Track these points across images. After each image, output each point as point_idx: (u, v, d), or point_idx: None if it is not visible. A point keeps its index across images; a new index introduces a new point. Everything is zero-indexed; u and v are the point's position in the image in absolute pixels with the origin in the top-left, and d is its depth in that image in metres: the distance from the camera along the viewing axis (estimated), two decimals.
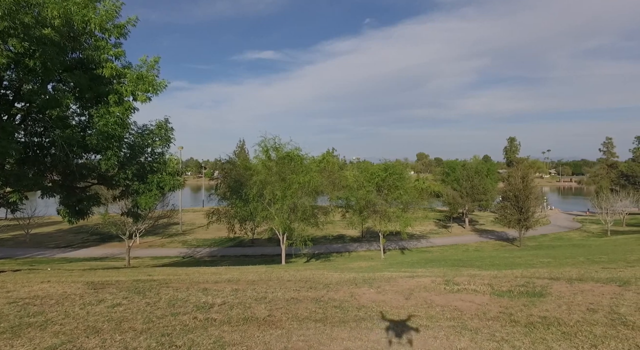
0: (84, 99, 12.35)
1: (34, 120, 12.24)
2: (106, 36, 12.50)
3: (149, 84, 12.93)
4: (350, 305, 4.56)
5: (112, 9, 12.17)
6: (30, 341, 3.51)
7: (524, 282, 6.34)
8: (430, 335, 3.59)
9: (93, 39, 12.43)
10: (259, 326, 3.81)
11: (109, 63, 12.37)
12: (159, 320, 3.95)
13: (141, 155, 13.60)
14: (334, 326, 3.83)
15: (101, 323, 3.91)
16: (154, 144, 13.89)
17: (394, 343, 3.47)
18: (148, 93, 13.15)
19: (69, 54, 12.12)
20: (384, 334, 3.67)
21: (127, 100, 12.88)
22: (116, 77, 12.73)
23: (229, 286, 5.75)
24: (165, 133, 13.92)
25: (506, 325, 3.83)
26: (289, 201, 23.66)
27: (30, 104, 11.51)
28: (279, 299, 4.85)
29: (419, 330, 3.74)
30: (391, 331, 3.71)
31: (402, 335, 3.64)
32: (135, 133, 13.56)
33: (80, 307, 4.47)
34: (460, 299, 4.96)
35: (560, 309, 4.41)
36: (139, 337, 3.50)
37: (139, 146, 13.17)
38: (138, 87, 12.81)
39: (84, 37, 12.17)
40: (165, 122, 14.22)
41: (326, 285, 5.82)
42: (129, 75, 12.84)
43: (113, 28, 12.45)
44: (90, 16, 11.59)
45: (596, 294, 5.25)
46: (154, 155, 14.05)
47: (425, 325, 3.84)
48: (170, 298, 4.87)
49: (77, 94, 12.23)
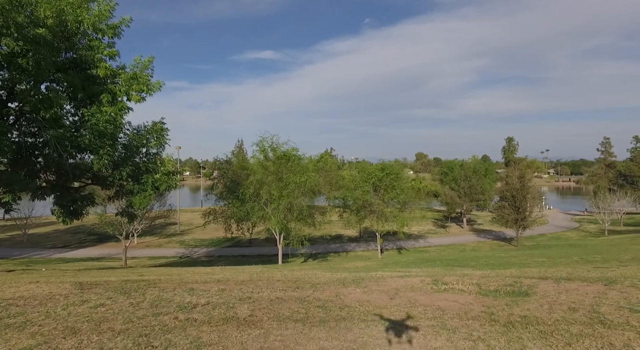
0: (77, 99, 12.34)
1: (27, 120, 12.23)
2: (100, 36, 12.51)
3: (143, 83, 12.94)
4: (334, 305, 4.58)
5: (105, 9, 12.16)
6: (6, 342, 3.52)
7: (512, 282, 6.36)
8: (407, 335, 3.61)
9: (86, 39, 12.43)
10: (238, 326, 3.82)
11: (103, 63, 12.37)
12: (139, 321, 3.96)
13: (136, 156, 13.58)
14: (313, 326, 3.84)
15: (80, 323, 3.92)
16: (149, 144, 13.86)
17: (370, 343, 3.48)
18: (142, 93, 13.16)
19: (63, 54, 12.12)
20: (361, 333, 3.69)
21: (121, 100, 12.87)
22: (110, 77, 12.73)
23: (217, 286, 5.76)
24: (160, 133, 13.90)
25: (485, 324, 3.84)
26: (286, 201, 23.66)
27: (23, 104, 11.50)
28: (263, 299, 4.87)
29: (398, 329, 3.75)
30: (369, 331, 3.72)
31: (379, 334, 3.65)
32: (129, 133, 13.54)
33: (63, 308, 4.47)
34: (444, 299, 4.98)
35: (542, 308, 4.43)
36: (116, 338, 3.51)
37: (133, 146, 13.15)
38: (132, 87, 12.82)
39: (77, 37, 12.16)
40: (160, 123, 14.20)
41: (313, 285, 5.84)
42: (123, 75, 12.85)
43: (107, 28, 12.44)
44: (84, 16, 11.58)
45: (580, 293, 5.27)
46: (149, 156, 14.03)
47: (404, 325, 3.85)
48: (154, 298, 4.89)
49: (71, 94, 12.21)
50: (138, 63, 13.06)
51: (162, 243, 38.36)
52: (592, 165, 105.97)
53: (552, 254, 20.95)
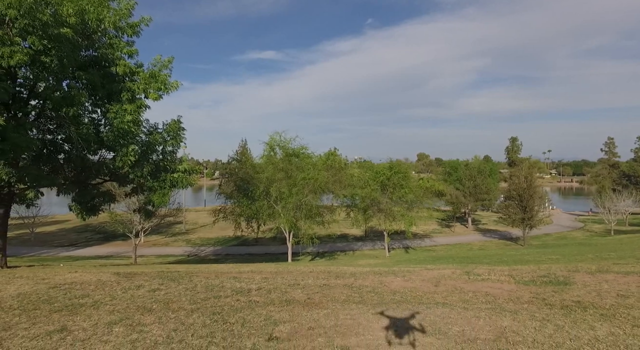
0: (97, 97, 12.43)
1: (47, 117, 12.32)
2: (119, 34, 12.61)
3: (162, 82, 13.02)
4: (384, 291, 4.65)
5: (125, 8, 12.26)
6: (90, 318, 3.60)
7: (544, 274, 6.42)
8: (472, 315, 3.68)
9: (107, 37, 12.52)
10: (303, 307, 3.90)
11: (122, 61, 12.45)
12: (204, 302, 4.03)
13: (153, 153, 13.66)
14: (375, 307, 3.92)
15: (150, 304, 4.00)
16: (166, 142, 13.95)
17: (438, 322, 3.55)
18: (160, 91, 13.24)
19: (83, 52, 12.21)
20: (427, 313, 3.76)
21: (140, 98, 12.95)
22: (129, 75, 12.82)
23: (257, 275, 5.84)
24: (176, 132, 13.98)
25: (543, 307, 3.92)
26: (295, 198, 23.75)
27: (44, 102, 11.59)
28: (311, 286, 4.94)
29: (460, 311, 3.82)
30: (432, 311, 3.79)
31: (444, 315, 3.72)
32: (147, 131, 13.63)
33: (123, 291, 4.55)
34: (488, 287, 5.05)
35: (591, 295, 4.50)
36: (192, 315, 3.59)
37: (151, 144, 13.23)
38: (150, 85, 12.89)
39: (97, 35, 12.25)
40: (178, 121, 14.28)
41: (352, 274, 5.91)
42: (141, 73, 12.93)
43: (127, 26, 12.54)
44: (105, 14, 11.67)
45: (621, 282, 5.33)
46: (165, 154, 14.11)
47: (463, 308, 3.92)
48: (205, 284, 4.97)
49: (91, 92, 12.30)
50: (158, 62, 13.16)
51: (169, 242, 38.43)
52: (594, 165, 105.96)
53: (564, 252, 20.99)
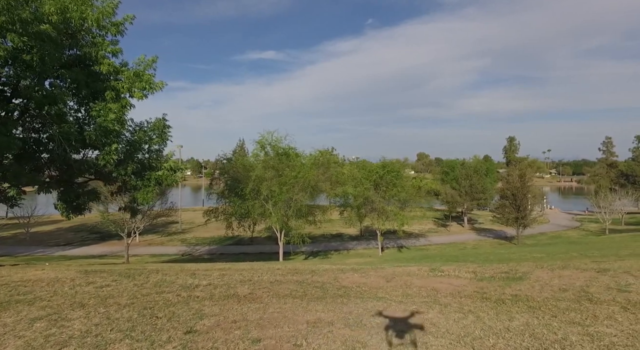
0: (80, 96, 12.52)
1: (31, 116, 12.41)
2: (103, 33, 12.70)
3: (146, 81, 13.10)
4: (331, 286, 4.73)
5: (109, 6, 12.33)
6: (18, 313, 3.69)
7: (508, 270, 6.50)
8: (401, 309, 3.76)
9: (90, 36, 12.60)
10: (238, 301, 3.98)
11: (106, 60, 12.54)
12: (143, 297, 4.12)
13: (138, 152, 13.75)
14: (311, 301, 4.00)
15: (87, 299, 4.10)
16: (151, 141, 14.03)
17: (364, 315, 3.63)
18: (144, 91, 13.32)
19: (67, 51, 12.29)
20: (357, 307, 3.84)
21: (124, 97, 13.04)
22: (113, 74, 12.91)
23: (218, 272, 5.93)
24: (162, 130, 14.06)
25: (477, 301, 3.99)
26: (285, 196, 23.85)
27: (27, 101, 11.68)
28: (263, 281, 5.03)
29: (392, 304, 3.90)
30: (364, 305, 3.87)
31: (374, 308, 3.80)
32: (132, 130, 13.71)
33: (70, 288, 4.65)
34: (439, 282, 5.12)
35: (533, 289, 4.57)
36: (122, 310, 3.68)
37: (136, 143, 13.31)
38: (135, 84, 12.98)
39: (81, 34, 12.33)
40: (162, 119, 14.36)
41: (312, 271, 6.00)
42: (126, 72, 13.02)
43: (110, 25, 12.62)
44: (88, 13, 11.74)
45: (573, 278, 5.41)
46: (151, 152, 14.19)
47: (398, 301, 4.00)
48: (158, 280, 5.05)
49: (75, 91, 12.39)
50: (142, 61, 13.24)
51: (164, 241, 38.58)
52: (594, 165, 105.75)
53: (551, 251, 21.04)
